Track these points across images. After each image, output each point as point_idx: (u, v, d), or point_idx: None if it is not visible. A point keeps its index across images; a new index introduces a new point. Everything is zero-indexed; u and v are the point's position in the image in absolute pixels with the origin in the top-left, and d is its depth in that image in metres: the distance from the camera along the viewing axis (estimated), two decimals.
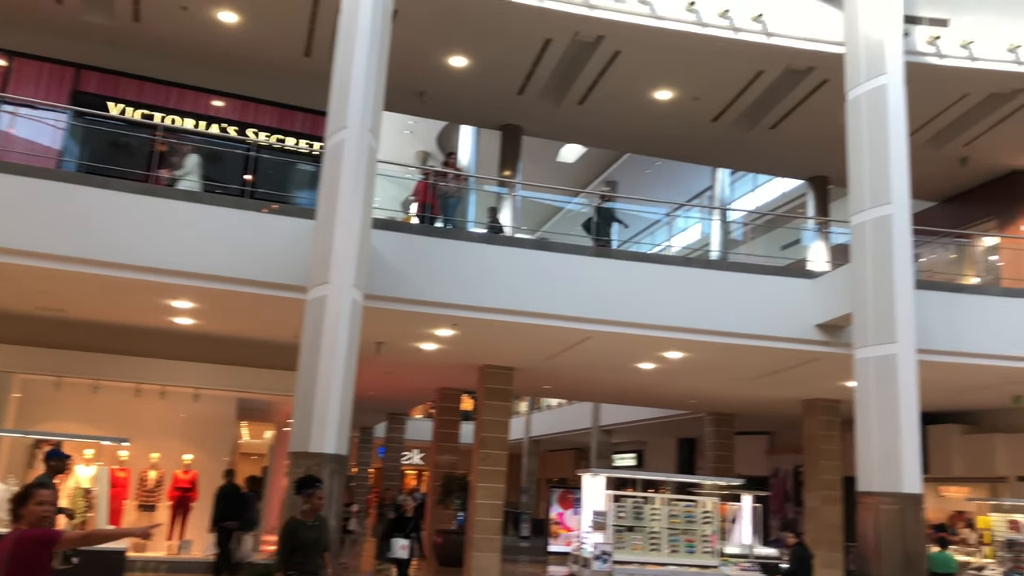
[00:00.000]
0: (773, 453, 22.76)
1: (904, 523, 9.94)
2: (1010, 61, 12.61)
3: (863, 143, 11.11)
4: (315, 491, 6.67)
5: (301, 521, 6.67)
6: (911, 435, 10.10)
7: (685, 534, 10.31)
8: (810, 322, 11.87)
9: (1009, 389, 14.09)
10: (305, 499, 6.66)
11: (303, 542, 6.57)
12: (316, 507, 6.70)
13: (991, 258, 16.84)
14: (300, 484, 6.72)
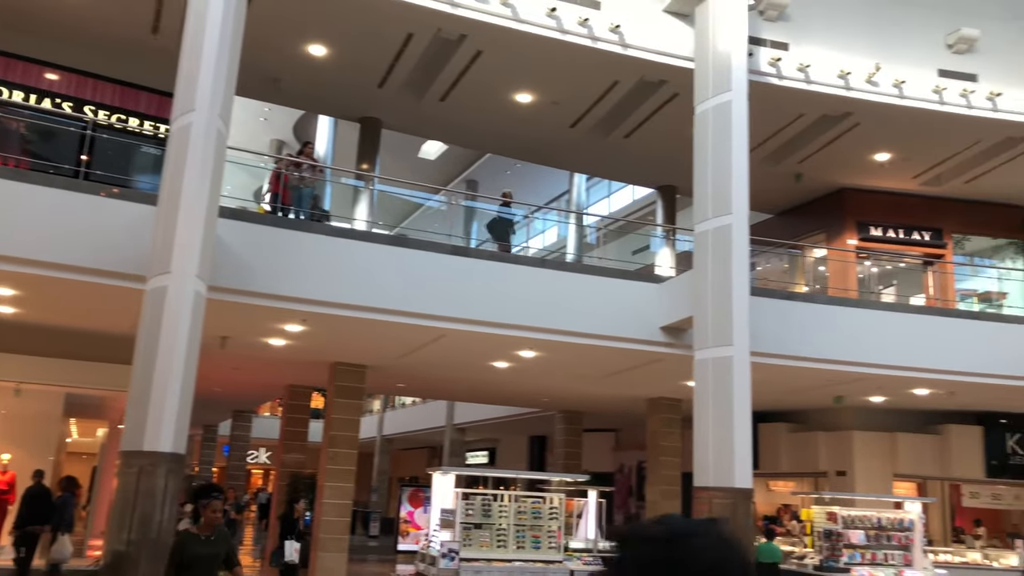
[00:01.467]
0: (619, 450, 23.57)
1: (736, 516, 10.52)
2: (840, 86, 13.61)
3: (708, 156, 11.69)
4: (211, 502, 6.08)
5: (193, 535, 6.04)
6: (743, 433, 10.71)
7: (532, 530, 10.49)
8: (655, 324, 12.35)
9: (832, 390, 15.20)
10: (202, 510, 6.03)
11: (194, 558, 5.91)
12: (212, 520, 6.08)
13: (819, 268, 18.14)
14: (197, 494, 6.15)
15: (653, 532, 1.36)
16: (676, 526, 1.38)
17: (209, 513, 6.04)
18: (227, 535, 6.28)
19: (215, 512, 6.09)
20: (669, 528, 1.36)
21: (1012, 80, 14.31)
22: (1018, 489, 18.34)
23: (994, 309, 16.82)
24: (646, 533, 1.38)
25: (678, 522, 1.39)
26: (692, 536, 1.33)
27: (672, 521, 1.40)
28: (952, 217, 17.76)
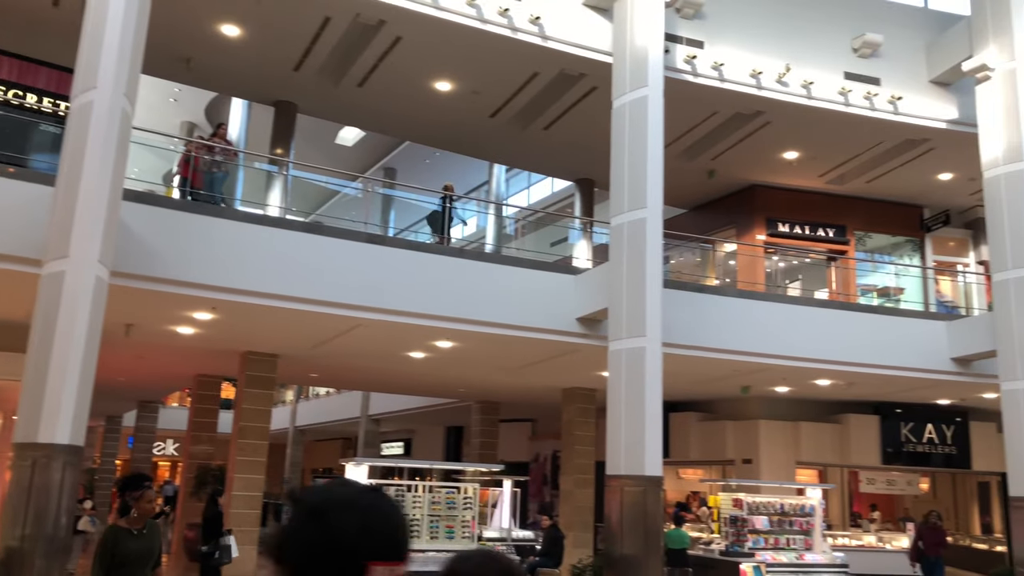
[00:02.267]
0: (535, 439, 23.78)
1: (646, 503, 10.75)
2: (752, 86, 13.99)
3: (624, 150, 11.85)
4: (144, 492, 5.55)
5: (124, 529, 5.50)
6: (654, 422, 10.93)
7: (446, 520, 10.48)
8: (572, 315, 12.47)
9: (739, 380, 15.67)
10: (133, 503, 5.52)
11: (126, 555, 5.43)
12: (145, 512, 5.57)
13: (730, 263, 18.67)
14: (124, 485, 5.67)
15: (304, 499, 1.28)
16: (316, 497, 1.27)
17: (144, 504, 5.54)
18: (159, 529, 5.85)
19: (150, 503, 5.61)
20: (314, 498, 1.27)
21: (912, 85, 14.98)
22: (911, 475, 19.32)
23: (892, 304, 17.63)
24: (300, 498, 1.29)
25: (320, 493, 1.28)
26: (329, 512, 1.23)
27: (316, 491, 1.29)
28: (855, 215, 18.51)
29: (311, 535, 1.20)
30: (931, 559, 10.72)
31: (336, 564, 1.18)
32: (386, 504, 1.25)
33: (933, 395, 16.71)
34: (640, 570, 10.57)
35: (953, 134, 15.08)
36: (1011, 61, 13.84)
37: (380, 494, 1.27)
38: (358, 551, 1.18)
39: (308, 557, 1.19)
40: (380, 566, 1.18)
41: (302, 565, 1.20)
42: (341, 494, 1.25)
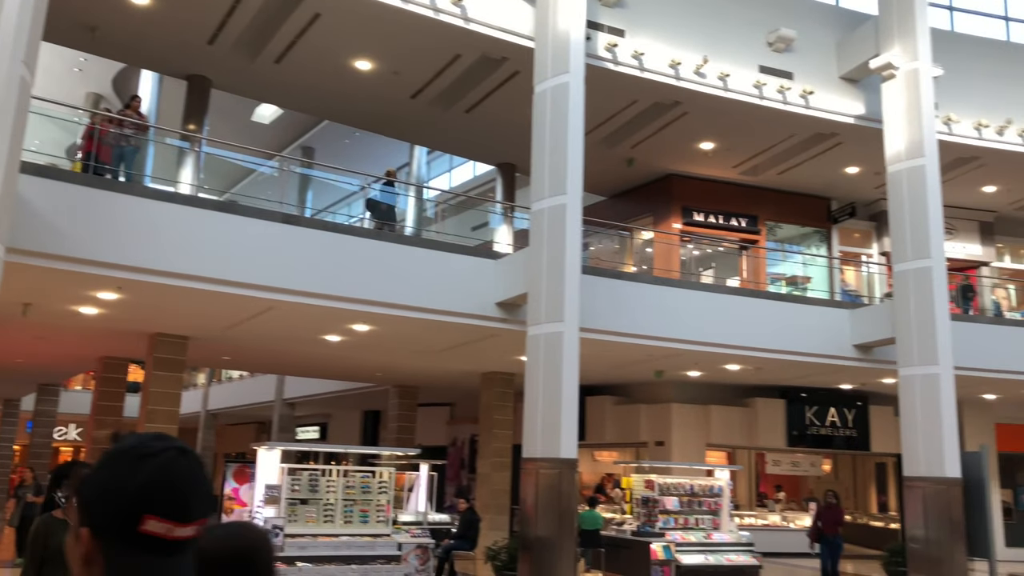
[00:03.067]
0: (453, 423, 23.79)
1: (561, 485, 10.90)
2: (671, 76, 14.23)
3: (545, 136, 11.90)
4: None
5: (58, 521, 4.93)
6: (571, 406, 11.07)
7: (360, 504, 10.40)
8: (491, 300, 12.49)
9: (654, 365, 16.01)
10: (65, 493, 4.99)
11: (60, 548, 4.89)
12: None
13: (647, 250, 19.00)
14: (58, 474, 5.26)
15: (115, 442, 1.30)
16: (123, 444, 1.28)
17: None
18: None
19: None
20: (121, 444, 1.28)
21: (823, 80, 15.49)
22: (814, 457, 20.12)
23: (799, 292, 18.27)
24: (114, 441, 1.34)
25: (128, 440, 1.29)
26: (124, 458, 1.25)
27: (126, 438, 1.31)
28: (766, 206, 19.08)
29: (102, 476, 1.23)
30: (829, 538, 11.20)
31: (114, 507, 1.20)
32: (184, 464, 1.26)
33: (836, 380, 17.41)
34: (554, 551, 10.72)
35: (860, 129, 15.67)
36: (914, 61, 14.45)
37: (184, 453, 1.27)
38: (137, 501, 1.19)
39: (94, 496, 1.22)
40: (155, 521, 1.19)
41: (88, 502, 1.23)
42: (144, 445, 1.26)
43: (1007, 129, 16.54)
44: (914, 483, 13.67)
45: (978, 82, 16.68)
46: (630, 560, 12.60)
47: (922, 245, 14.03)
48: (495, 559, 11.49)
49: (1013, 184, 18.35)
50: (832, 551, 11.14)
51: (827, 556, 11.26)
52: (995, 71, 17.02)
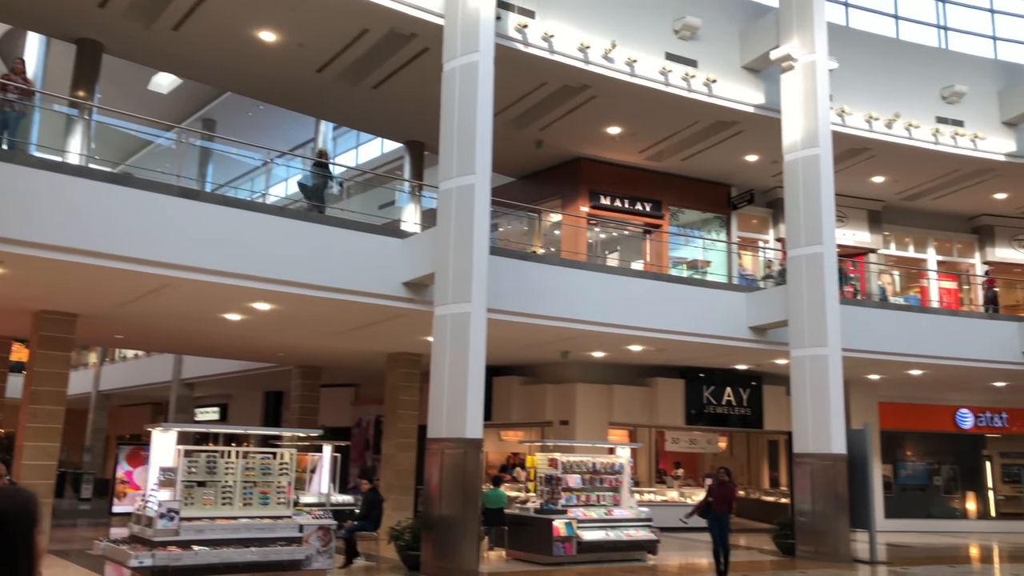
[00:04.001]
0: (358, 404, 23.55)
1: (465, 465, 10.95)
2: (580, 59, 14.33)
3: (454, 115, 11.82)
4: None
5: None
6: (477, 386, 11.11)
7: (261, 486, 10.19)
8: (398, 280, 12.37)
9: (560, 346, 16.22)
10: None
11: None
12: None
13: (555, 232, 19.16)
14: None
15: None
16: None
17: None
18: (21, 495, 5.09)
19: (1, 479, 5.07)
20: None
21: (726, 69, 15.89)
22: (711, 434, 20.81)
23: (699, 276, 18.79)
24: None
25: None
26: None
27: None
28: (670, 191, 19.51)
29: None
30: (718, 515, 11.42)
31: None
32: None
33: (732, 361, 18.03)
34: (458, 530, 10.77)
35: (760, 118, 16.17)
36: (811, 54, 15.01)
37: None
38: None
39: None
40: None
41: None
42: None
43: (895, 122, 17.38)
44: (803, 459, 14.33)
45: (870, 77, 17.45)
46: (533, 537, 12.78)
47: (815, 232, 14.64)
48: (399, 539, 11.46)
49: (900, 175, 19.31)
50: (721, 528, 11.36)
51: (716, 531, 11.34)
52: (885, 66, 17.83)
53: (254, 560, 9.68)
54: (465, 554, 10.76)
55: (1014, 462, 22.18)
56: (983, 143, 18.08)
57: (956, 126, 17.97)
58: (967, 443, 21.82)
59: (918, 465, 21.37)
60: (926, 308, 19.19)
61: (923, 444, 21.54)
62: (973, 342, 17.51)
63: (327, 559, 10.26)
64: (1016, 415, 21.84)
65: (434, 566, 10.83)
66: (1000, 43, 20.32)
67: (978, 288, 21.62)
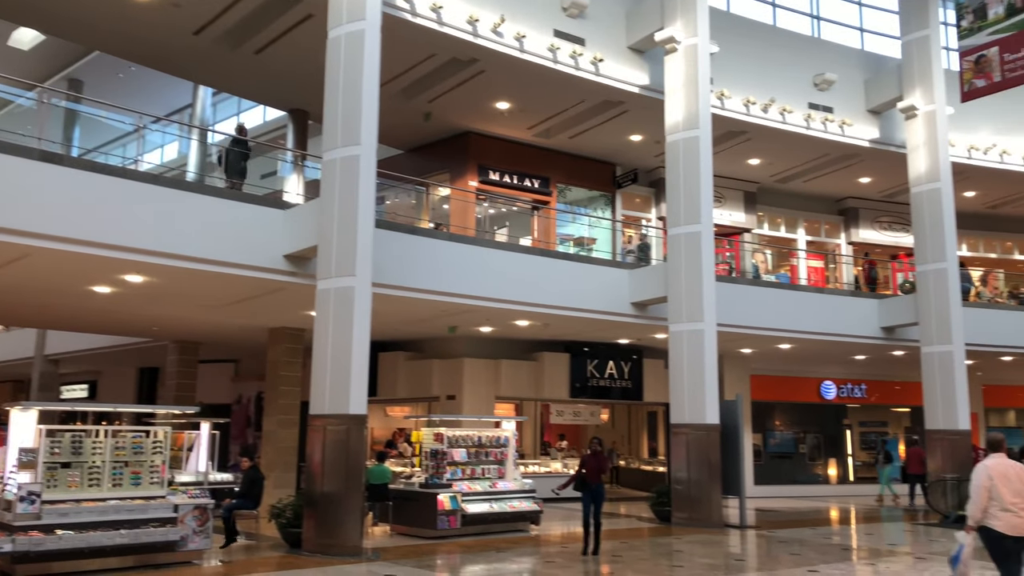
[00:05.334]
0: (238, 380, 22.88)
1: (349, 441, 10.83)
2: (469, 32, 14.22)
3: (339, 84, 11.53)
4: None
5: None
6: (361, 361, 10.98)
7: (132, 466, 9.75)
8: (279, 252, 12.02)
9: (447, 321, 16.20)
10: None
11: None
12: None
13: (444, 206, 19.07)
14: None
15: None
16: None
17: None
18: None
19: None
20: None
21: (612, 49, 16.13)
22: (594, 407, 21.33)
23: (585, 253, 19.13)
24: None
25: None
26: None
27: None
28: (558, 168, 19.73)
29: None
30: (592, 486, 11.22)
31: None
32: None
33: (615, 335, 18.50)
34: (340, 507, 10.66)
35: (644, 99, 16.52)
36: (694, 37, 15.43)
37: None
38: None
39: None
40: None
41: None
42: None
43: (771, 107, 18.11)
44: (679, 429, 14.90)
45: (748, 62, 18.10)
46: (418, 512, 12.79)
47: (693, 211, 15.14)
48: (280, 517, 11.25)
49: (774, 158, 20.17)
50: (594, 499, 11.20)
51: (588, 503, 11.17)
52: (763, 52, 18.54)
53: (125, 543, 9.28)
54: (348, 530, 10.67)
55: (871, 430, 23.78)
56: (850, 129, 19.09)
57: (826, 112, 18.90)
58: (830, 413, 23.22)
59: (785, 434, 22.59)
60: (795, 286, 20.21)
61: (790, 414, 22.77)
62: (837, 318, 18.59)
63: (204, 539, 9.96)
64: (874, 386, 23.39)
65: (316, 543, 10.70)
66: (867, 35, 21.46)
67: (843, 267, 22.94)
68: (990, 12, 16.88)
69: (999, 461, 6.81)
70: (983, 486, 6.68)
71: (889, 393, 23.55)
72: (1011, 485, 6.67)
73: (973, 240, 24.65)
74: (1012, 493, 6.64)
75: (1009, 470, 6.74)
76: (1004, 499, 6.63)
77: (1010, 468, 6.78)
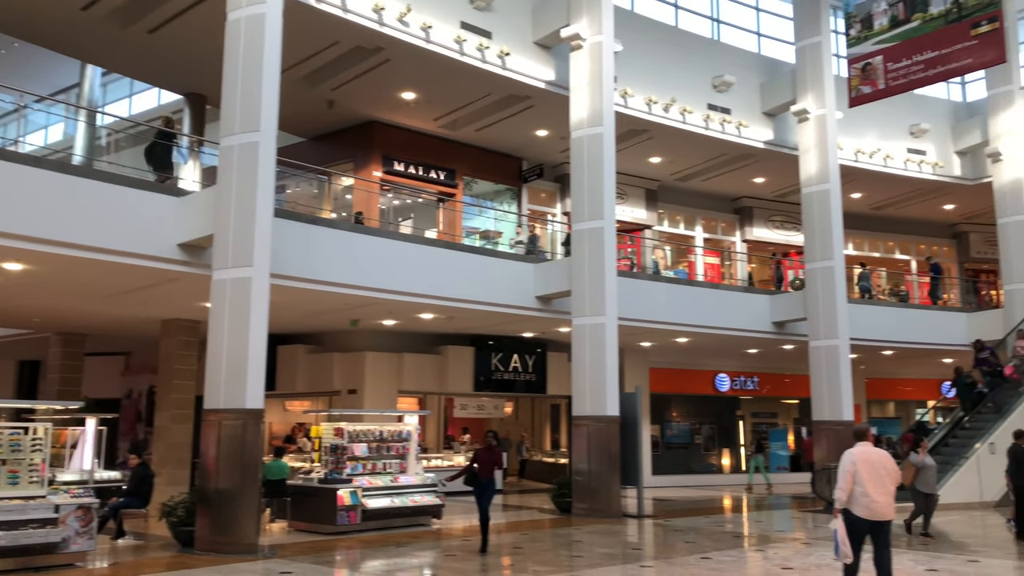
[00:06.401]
0: (128, 374, 21.94)
1: (245, 436, 10.53)
2: (374, 20, 14.01)
3: (238, 68, 11.17)
4: None
5: None
6: (258, 354, 10.69)
7: (8, 464, 9.20)
8: (173, 241, 11.56)
9: (349, 313, 15.95)
10: None
11: None
12: None
13: (347, 197, 18.76)
14: None
15: None
16: None
17: None
18: None
19: None
20: None
21: (519, 44, 16.19)
22: (498, 400, 21.44)
23: (491, 246, 19.17)
24: None
25: None
26: None
27: None
28: (464, 161, 19.68)
29: None
30: (483, 481, 10.75)
31: None
32: None
33: (520, 329, 18.62)
34: (235, 503, 10.37)
35: (550, 94, 16.65)
36: (599, 35, 15.64)
37: None
38: None
39: None
40: None
41: None
42: None
43: (672, 107, 18.55)
44: (581, 422, 15.12)
45: (651, 61, 18.49)
46: (317, 508, 12.56)
47: (597, 207, 15.36)
48: (171, 515, 10.83)
49: (674, 156, 20.68)
50: (486, 494, 10.81)
51: (480, 497, 10.82)
52: (665, 53, 18.97)
53: (2, 545, 8.76)
54: (243, 528, 10.38)
55: (763, 421, 24.75)
56: (746, 131, 19.76)
57: (724, 113, 19.50)
58: (724, 404, 24.03)
59: (682, 425, 23.26)
60: (693, 281, 20.80)
61: (687, 406, 23.46)
62: (732, 313, 19.23)
63: (88, 540, 9.49)
64: (765, 379, 24.32)
65: (210, 541, 10.36)
66: (764, 40, 22.24)
67: (738, 264, 23.74)
68: (876, 23, 17.76)
69: (864, 449, 7.27)
70: (848, 472, 7.14)
71: (779, 385, 24.55)
72: (874, 472, 7.12)
73: (859, 240, 25.91)
74: (873, 480, 7.09)
75: (873, 457, 7.21)
76: (865, 485, 7.07)
77: (874, 455, 7.25)
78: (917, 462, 12.49)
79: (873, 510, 7.08)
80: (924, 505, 12.41)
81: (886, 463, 7.23)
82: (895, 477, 7.26)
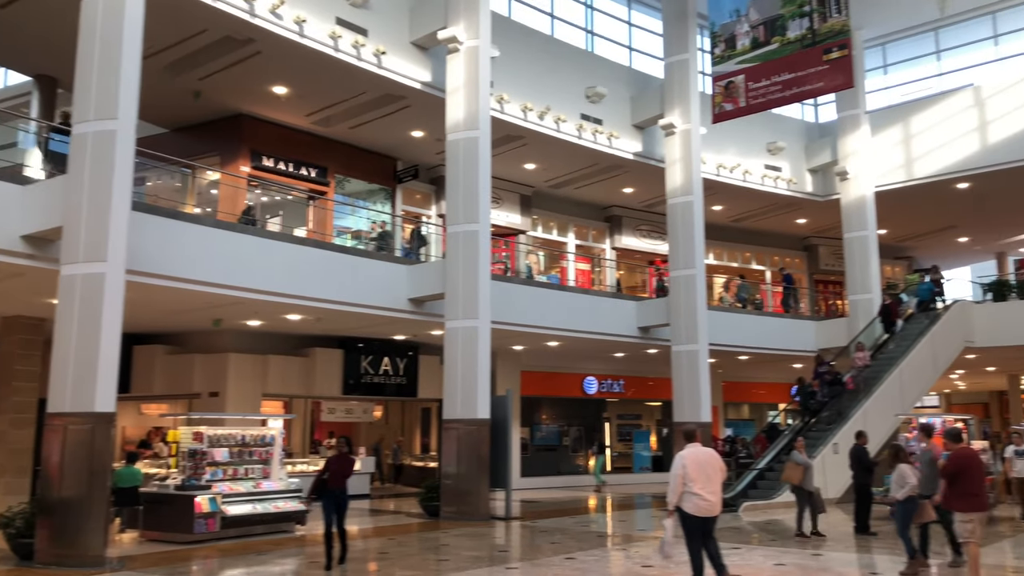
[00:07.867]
0: None
1: (93, 442, 9.93)
2: (245, 11, 13.55)
3: (94, 52, 10.55)
4: None
5: None
6: (110, 355, 10.12)
7: None
8: (16, 232, 10.74)
9: (212, 313, 15.31)
10: None
11: None
12: None
13: (212, 191, 18.02)
14: None
15: None
16: None
17: None
18: None
19: None
20: None
21: (396, 43, 16.06)
22: (367, 404, 21.13)
23: (363, 246, 18.87)
24: None
25: None
26: None
27: None
28: (337, 159, 19.30)
29: None
30: (335, 492, 9.94)
31: None
32: None
33: (392, 331, 18.42)
34: (81, 513, 9.75)
35: (426, 96, 16.59)
36: (476, 39, 15.71)
37: None
38: None
39: None
40: None
41: None
42: None
43: (546, 115, 18.87)
44: (451, 425, 15.11)
45: (527, 69, 18.75)
46: (172, 516, 11.97)
47: (472, 211, 15.42)
48: (8, 527, 10.07)
49: (548, 163, 21.03)
50: (338, 505, 9.91)
51: (331, 510, 9.88)
52: (541, 61, 19.28)
53: None
54: (89, 539, 9.77)
55: (628, 423, 25.51)
56: (617, 141, 20.34)
57: (596, 124, 19.99)
58: (592, 407, 24.62)
59: (551, 427, 23.65)
60: (564, 287, 21.21)
61: (556, 408, 23.88)
62: (601, 318, 19.73)
63: None
64: (631, 382, 25.09)
65: (51, 554, 9.70)
66: (635, 54, 22.98)
67: (607, 270, 24.38)
68: (739, 43, 18.67)
69: (693, 450, 7.70)
70: (678, 474, 7.53)
71: (644, 388, 25.39)
72: (703, 471, 7.55)
73: (719, 250, 27.16)
74: (702, 479, 7.52)
75: (701, 456, 7.66)
76: (695, 485, 7.48)
77: (703, 455, 7.70)
78: (803, 461, 12.57)
79: (702, 507, 7.49)
80: (810, 503, 12.47)
81: (713, 462, 7.70)
82: (723, 475, 7.80)
